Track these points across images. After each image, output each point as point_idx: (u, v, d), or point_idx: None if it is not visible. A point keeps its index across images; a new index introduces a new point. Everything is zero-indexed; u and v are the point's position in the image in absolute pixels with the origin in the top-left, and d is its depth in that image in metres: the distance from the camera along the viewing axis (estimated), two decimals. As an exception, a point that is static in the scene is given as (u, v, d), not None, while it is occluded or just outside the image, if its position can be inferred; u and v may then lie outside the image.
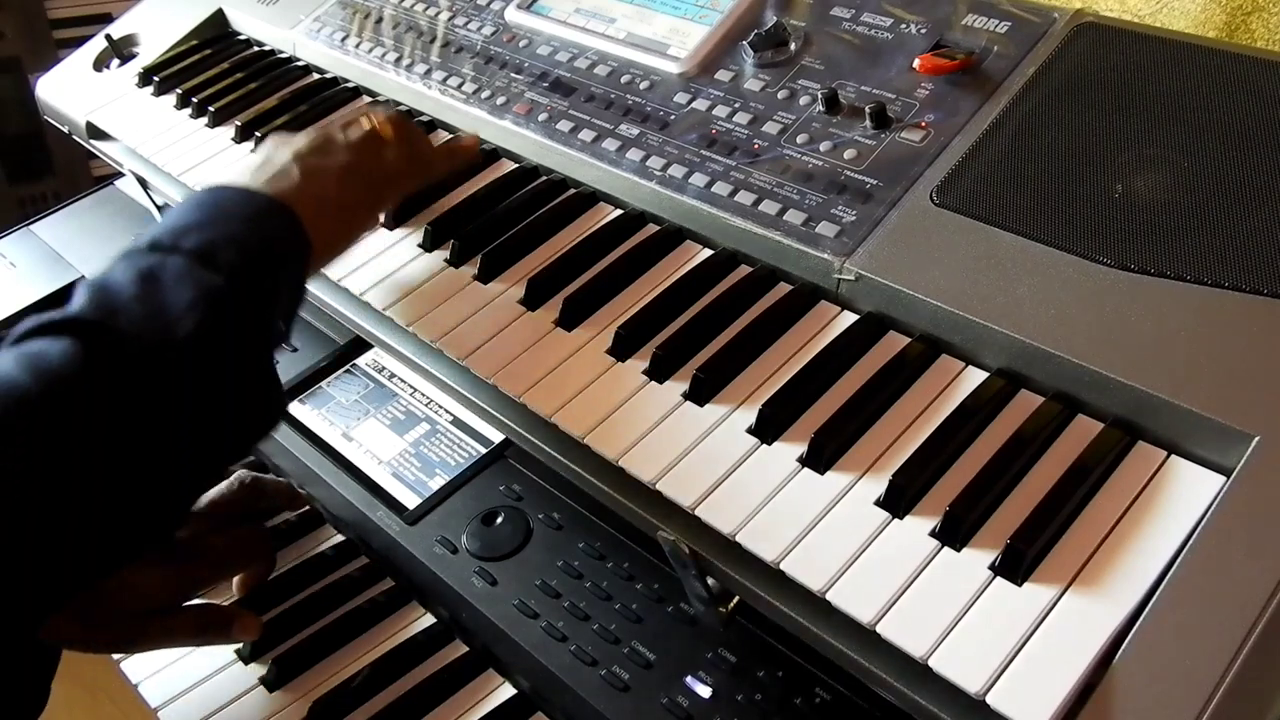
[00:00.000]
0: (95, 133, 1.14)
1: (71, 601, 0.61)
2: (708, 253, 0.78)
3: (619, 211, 0.83)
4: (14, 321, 1.16)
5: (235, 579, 0.85)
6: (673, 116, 0.83)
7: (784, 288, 0.74)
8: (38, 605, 0.57)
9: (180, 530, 0.80)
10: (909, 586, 0.55)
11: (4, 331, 0.61)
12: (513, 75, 0.94)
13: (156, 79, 1.13)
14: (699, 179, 0.78)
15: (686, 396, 0.68)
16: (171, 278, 0.61)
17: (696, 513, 0.61)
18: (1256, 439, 0.54)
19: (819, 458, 0.62)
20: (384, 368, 1.00)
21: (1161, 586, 0.52)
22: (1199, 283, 0.61)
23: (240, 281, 0.63)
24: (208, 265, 0.62)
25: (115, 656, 0.82)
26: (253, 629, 0.79)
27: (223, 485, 0.83)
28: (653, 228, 0.81)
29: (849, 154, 0.75)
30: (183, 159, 1.02)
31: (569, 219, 0.84)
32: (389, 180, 0.78)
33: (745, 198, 0.75)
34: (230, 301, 0.62)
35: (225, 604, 0.82)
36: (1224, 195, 0.64)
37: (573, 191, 0.86)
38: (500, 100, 0.92)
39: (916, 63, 0.77)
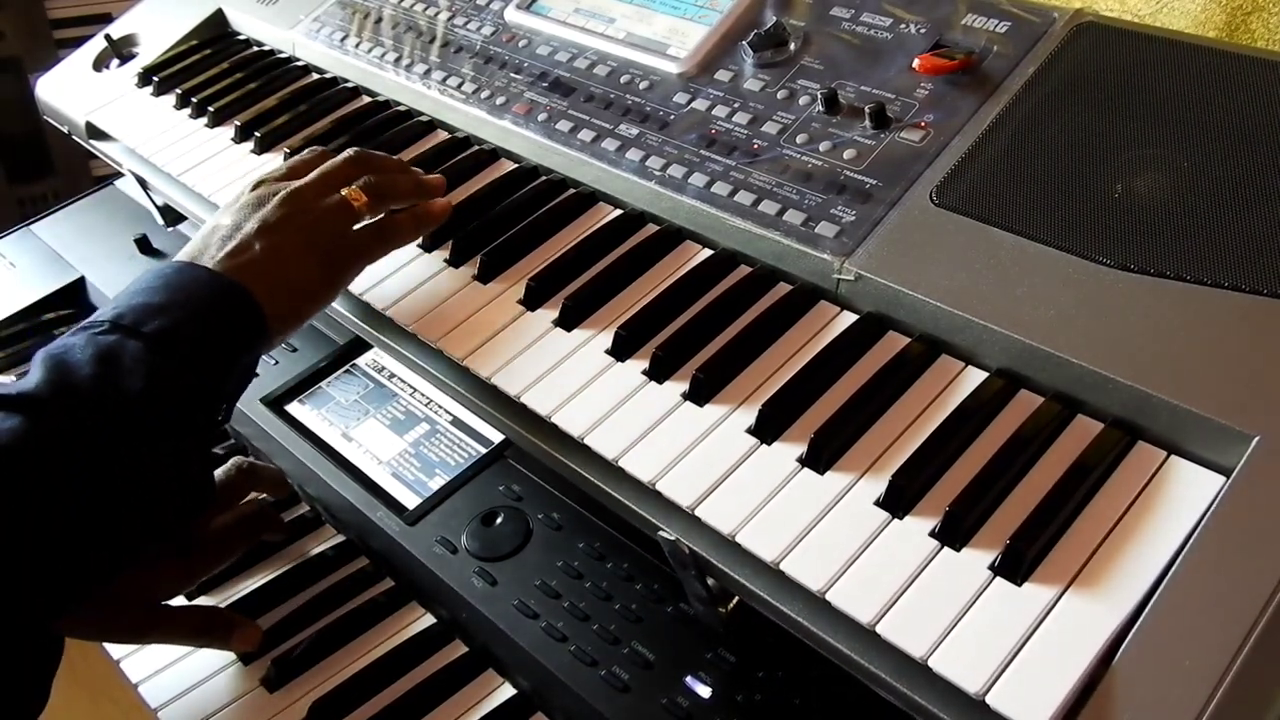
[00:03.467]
0: (95, 133, 1.14)
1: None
2: (707, 253, 0.78)
3: (619, 211, 0.83)
4: (14, 321, 1.17)
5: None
6: (672, 116, 0.83)
7: (784, 288, 0.74)
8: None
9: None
10: (909, 586, 0.55)
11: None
12: (512, 75, 0.94)
13: (156, 79, 1.13)
14: (698, 179, 0.78)
15: (686, 396, 0.68)
16: (128, 363, 0.64)
17: (696, 513, 0.61)
18: (1256, 439, 0.54)
19: (819, 458, 0.62)
20: (384, 368, 1.00)
21: (1161, 586, 0.52)
22: (1199, 283, 0.61)
23: (193, 371, 0.66)
24: (163, 353, 0.65)
25: (115, 656, 0.82)
26: (253, 639, 0.79)
27: (220, 471, 0.84)
28: (652, 228, 0.81)
29: (849, 154, 0.75)
30: (182, 159, 1.02)
31: (569, 219, 0.84)
32: (355, 254, 0.77)
33: (745, 198, 0.75)
34: (181, 390, 0.65)
35: (228, 610, 0.82)
36: (1224, 195, 0.64)
37: (572, 191, 0.86)
38: (500, 100, 0.92)
39: (916, 63, 0.77)
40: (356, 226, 0.77)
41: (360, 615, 0.81)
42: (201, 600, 0.85)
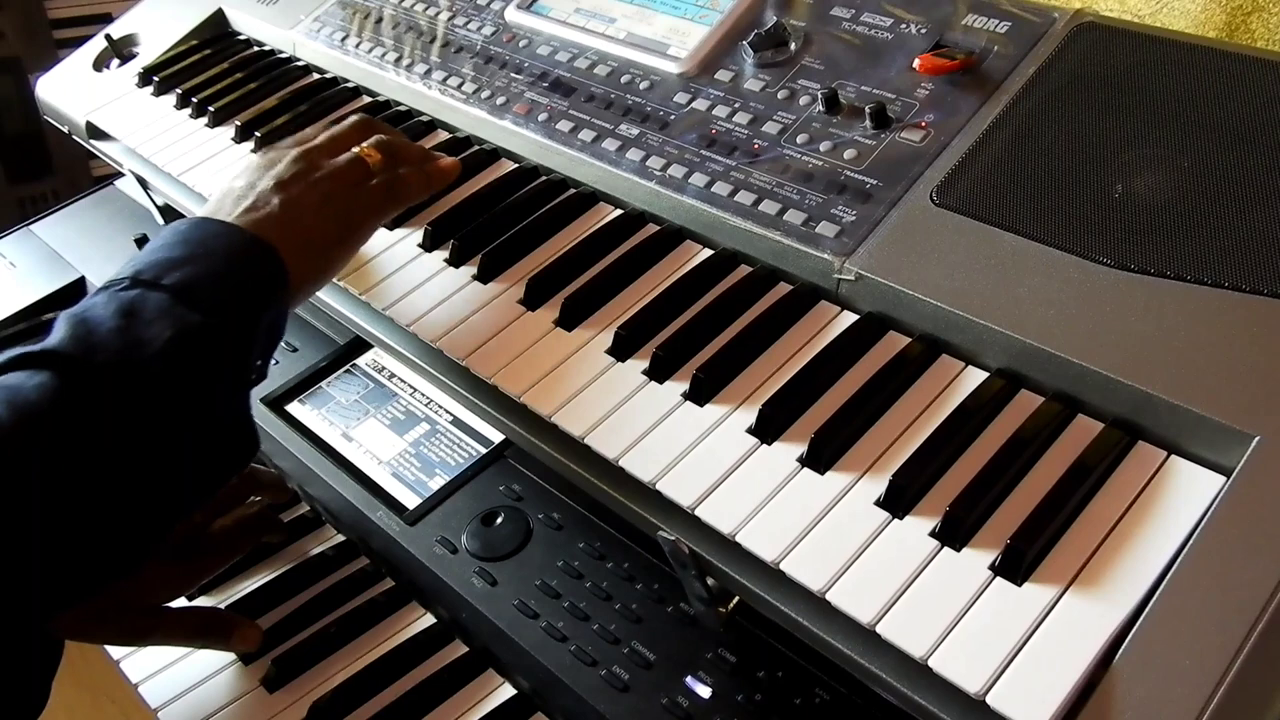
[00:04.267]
0: (95, 133, 1.14)
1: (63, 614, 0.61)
2: (708, 253, 0.78)
3: (619, 211, 0.83)
4: (14, 321, 1.17)
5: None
6: (673, 116, 0.83)
7: (784, 288, 0.74)
8: (20, 619, 0.58)
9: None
10: (909, 586, 0.55)
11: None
12: (513, 75, 0.94)
13: (156, 79, 1.13)
14: (699, 179, 0.78)
15: (686, 396, 0.68)
16: (151, 314, 0.62)
17: (696, 513, 0.61)
18: (1256, 439, 0.54)
19: (819, 458, 0.62)
20: (384, 368, 1.00)
21: (1161, 586, 0.52)
22: (1199, 283, 0.61)
23: (218, 320, 0.64)
24: (187, 303, 0.63)
25: (115, 656, 0.82)
26: (253, 639, 0.79)
27: None
28: (653, 228, 0.81)
29: (849, 154, 0.75)
30: (183, 159, 1.02)
31: (569, 219, 0.84)
32: (369, 212, 0.77)
33: (745, 198, 0.75)
34: (207, 340, 0.63)
35: (228, 611, 0.82)
36: (1224, 195, 0.64)
37: (573, 191, 0.86)
38: (500, 100, 0.92)
39: (916, 63, 0.77)
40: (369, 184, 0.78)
41: (360, 615, 0.81)
42: (201, 601, 0.85)
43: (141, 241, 1.18)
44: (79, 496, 0.58)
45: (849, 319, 0.70)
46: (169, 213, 1.19)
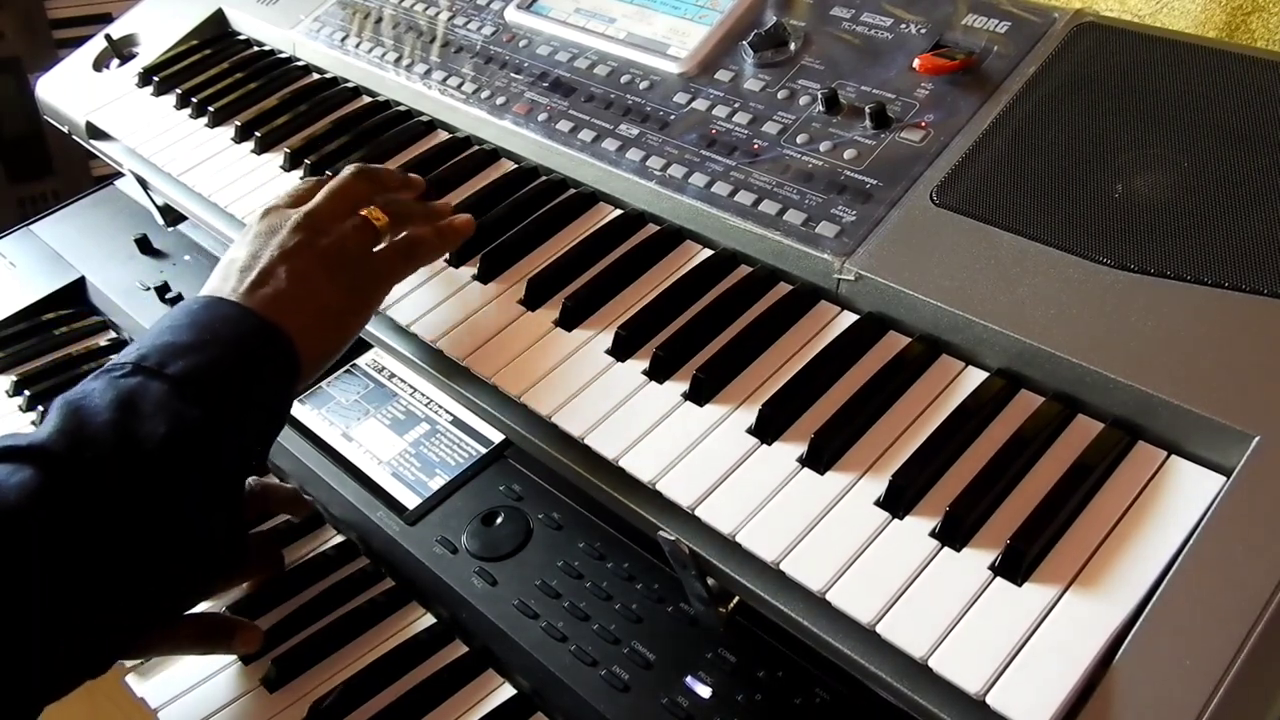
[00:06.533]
0: (95, 133, 1.14)
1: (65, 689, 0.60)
2: (708, 253, 0.78)
3: (619, 211, 0.83)
4: (14, 321, 1.17)
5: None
6: (672, 116, 0.83)
7: (784, 288, 0.74)
8: (20, 697, 0.57)
9: None
10: (909, 587, 0.55)
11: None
12: (513, 75, 0.94)
13: (156, 79, 1.13)
14: (699, 179, 0.78)
15: (686, 396, 0.68)
16: (149, 407, 0.59)
17: (696, 513, 0.61)
18: (1256, 439, 0.54)
19: (819, 458, 0.62)
20: (384, 368, 1.00)
21: (1161, 586, 0.52)
22: (1199, 283, 0.61)
23: (219, 415, 0.61)
24: (189, 397, 0.60)
25: (115, 657, 0.82)
26: (254, 641, 0.79)
27: None
28: (653, 228, 0.81)
29: (849, 154, 0.75)
30: (183, 159, 1.02)
31: (569, 219, 0.84)
32: (380, 278, 0.73)
33: (745, 198, 0.75)
34: (206, 436, 0.60)
35: (226, 614, 0.82)
36: (1224, 195, 0.64)
37: (573, 191, 0.86)
38: (500, 100, 0.92)
39: (916, 63, 0.77)
40: (377, 248, 0.74)
41: (360, 615, 0.81)
42: (202, 605, 0.85)
43: (141, 242, 1.19)
44: (56, 586, 0.56)
45: (849, 319, 0.70)
46: (169, 213, 1.19)
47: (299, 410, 0.97)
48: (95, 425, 0.58)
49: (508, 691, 0.75)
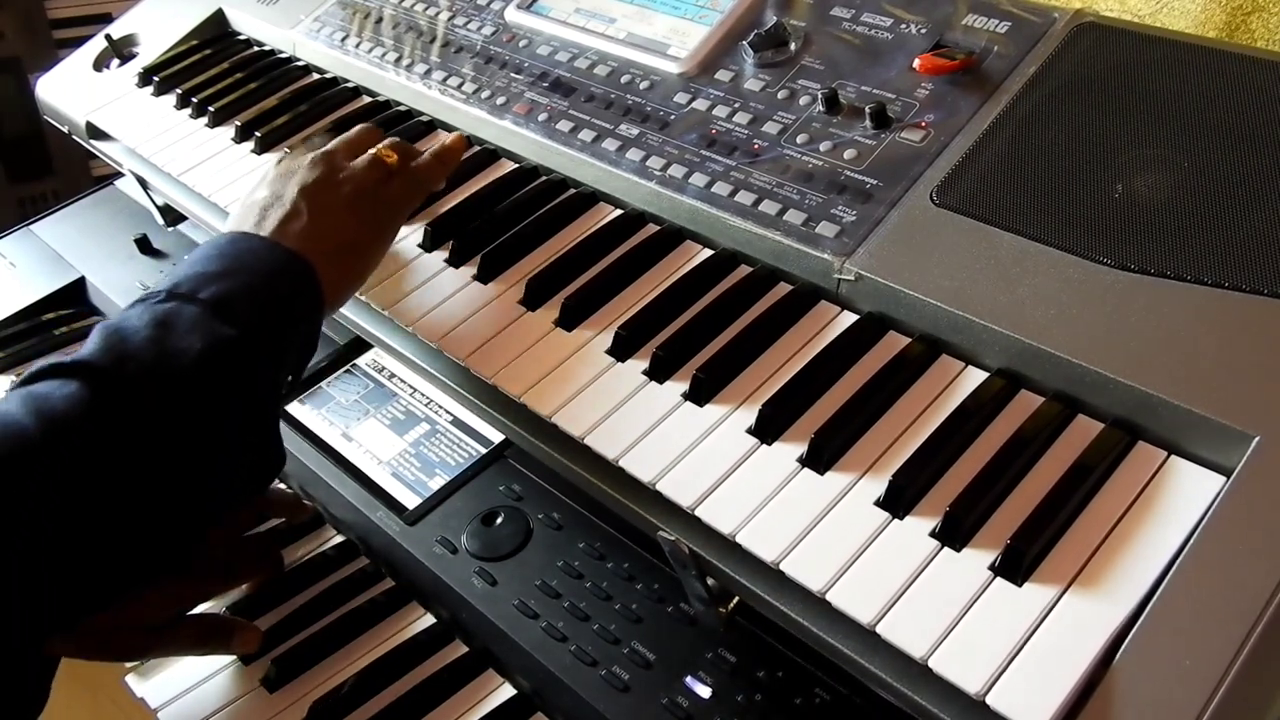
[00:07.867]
0: (95, 133, 1.14)
1: (76, 624, 0.62)
2: (708, 253, 0.78)
3: (619, 211, 0.83)
4: (14, 321, 1.17)
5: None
6: (673, 116, 0.83)
7: (784, 288, 0.74)
8: (32, 631, 0.58)
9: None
10: (909, 587, 0.55)
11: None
12: (513, 75, 0.94)
13: (156, 79, 1.13)
14: (699, 179, 0.78)
15: (686, 396, 0.68)
16: (185, 326, 0.62)
17: (696, 513, 0.61)
18: (1256, 439, 0.54)
19: (819, 458, 0.62)
20: (384, 368, 1.00)
21: (1161, 586, 0.52)
22: (1199, 283, 0.61)
23: (253, 336, 0.64)
24: (222, 317, 0.63)
25: (115, 659, 0.82)
26: (253, 641, 0.79)
27: None
28: (653, 228, 0.81)
29: (849, 154, 0.75)
30: (183, 159, 1.02)
31: (569, 219, 0.84)
32: (395, 209, 0.78)
33: (745, 198, 0.75)
34: (241, 353, 0.63)
35: (226, 614, 0.82)
36: (1224, 195, 0.64)
37: (573, 191, 0.86)
38: (500, 100, 0.92)
39: (916, 63, 0.77)
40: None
41: (360, 615, 0.81)
42: (202, 605, 0.85)
43: (141, 242, 1.19)
44: (105, 503, 0.58)
45: (849, 319, 0.70)
46: (169, 213, 1.19)
47: (299, 410, 0.97)
48: (135, 343, 0.61)
49: (508, 692, 0.75)
